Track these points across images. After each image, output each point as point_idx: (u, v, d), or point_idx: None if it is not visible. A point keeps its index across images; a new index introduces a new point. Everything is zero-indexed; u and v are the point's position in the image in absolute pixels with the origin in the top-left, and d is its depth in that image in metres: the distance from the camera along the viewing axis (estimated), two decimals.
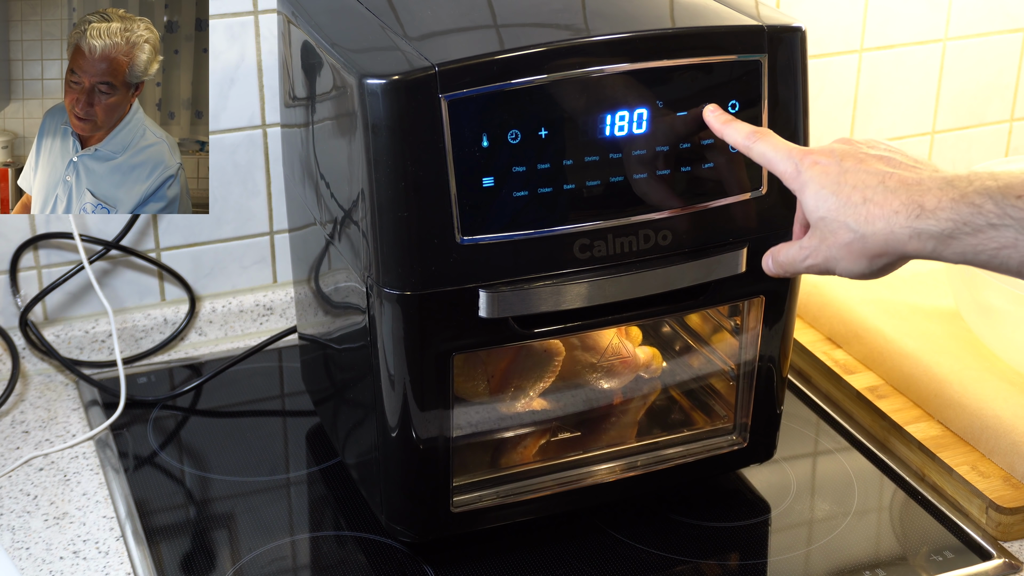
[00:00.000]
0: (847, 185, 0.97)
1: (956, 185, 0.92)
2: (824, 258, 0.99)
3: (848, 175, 0.97)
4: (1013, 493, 1.22)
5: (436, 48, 1.05)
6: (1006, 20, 1.73)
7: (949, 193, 0.92)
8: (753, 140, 1.03)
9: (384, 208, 1.02)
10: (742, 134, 1.04)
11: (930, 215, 0.92)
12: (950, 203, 0.91)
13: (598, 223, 1.07)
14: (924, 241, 0.93)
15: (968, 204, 0.91)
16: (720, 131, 1.06)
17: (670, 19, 1.11)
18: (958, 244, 0.92)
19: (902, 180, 0.95)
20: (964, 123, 1.78)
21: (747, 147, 1.04)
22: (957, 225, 0.91)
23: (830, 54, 1.66)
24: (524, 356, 1.19)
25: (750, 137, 1.04)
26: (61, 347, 1.45)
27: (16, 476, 1.28)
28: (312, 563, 1.21)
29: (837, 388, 1.41)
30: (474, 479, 1.17)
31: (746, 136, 1.04)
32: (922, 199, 0.93)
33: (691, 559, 1.19)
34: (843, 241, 0.97)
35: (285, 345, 1.49)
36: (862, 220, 0.95)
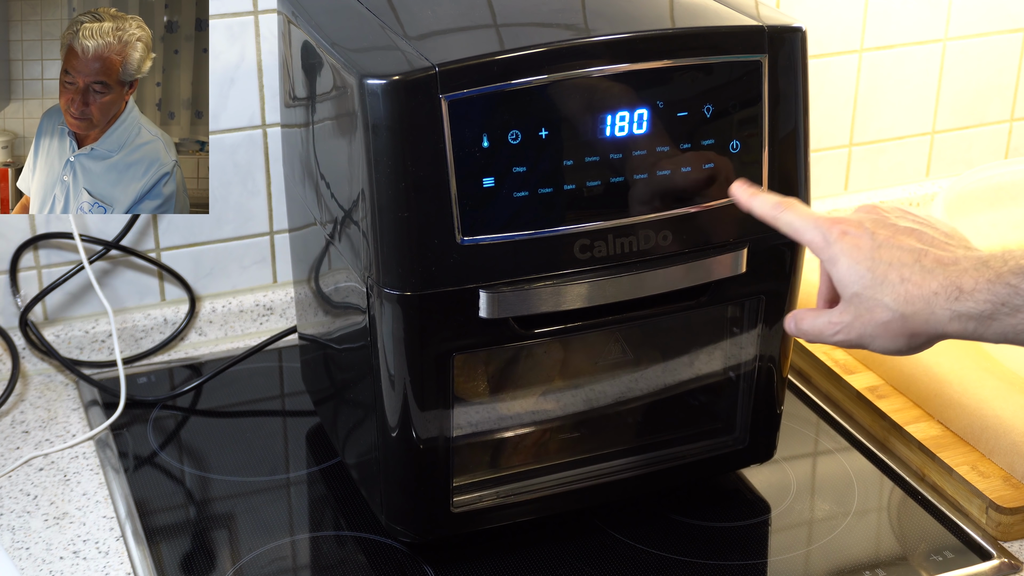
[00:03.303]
0: (882, 262, 0.95)
1: (991, 265, 0.92)
2: (858, 335, 0.98)
3: (882, 251, 0.96)
4: (1013, 493, 1.22)
5: (436, 48, 1.05)
6: (1006, 20, 1.73)
7: (985, 274, 0.92)
8: (779, 211, 1.03)
9: (384, 208, 1.02)
10: (768, 205, 1.04)
11: (968, 297, 0.92)
12: (987, 284, 0.91)
13: (598, 223, 1.07)
14: (965, 323, 0.92)
15: (1004, 285, 0.91)
16: (747, 205, 1.06)
17: (670, 19, 1.11)
18: (998, 325, 0.92)
19: (938, 259, 0.94)
20: (964, 123, 1.78)
21: (774, 216, 1.04)
22: (995, 307, 0.91)
23: (830, 54, 1.66)
24: (525, 356, 1.19)
25: (776, 208, 1.03)
26: (61, 347, 1.45)
27: (16, 476, 1.28)
28: (312, 563, 1.21)
29: (837, 388, 1.41)
30: (474, 479, 1.17)
31: (772, 207, 1.04)
32: (960, 280, 0.92)
33: (691, 559, 1.19)
34: (880, 320, 0.96)
35: (285, 345, 1.49)
36: (901, 300, 0.94)
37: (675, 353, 1.23)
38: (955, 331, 0.93)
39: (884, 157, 1.75)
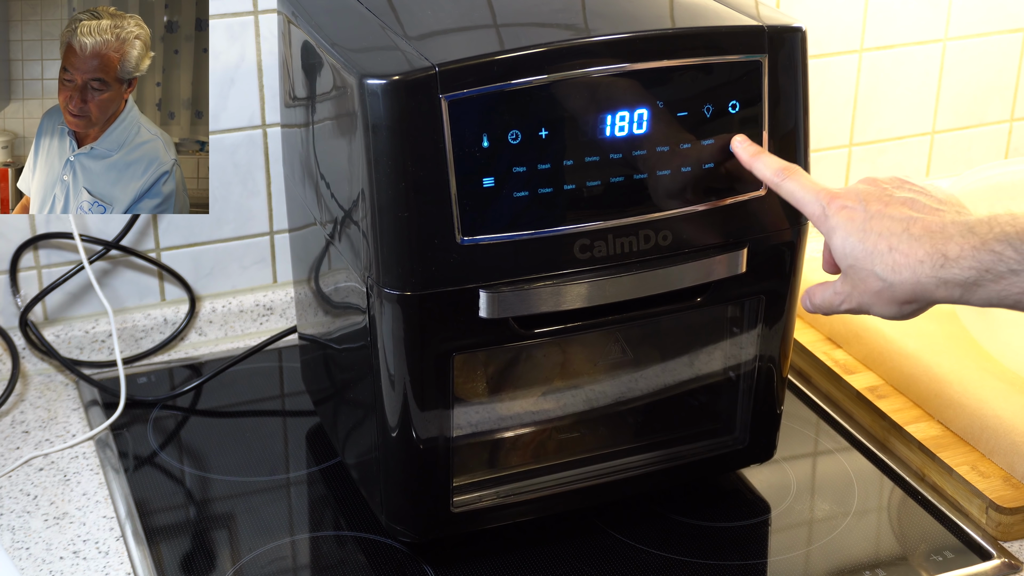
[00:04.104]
0: (873, 232, 0.98)
1: (977, 231, 0.93)
2: (858, 303, 1.01)
3: (873, 221, 0.98)
4: (1013, 493, 1.22)
5: (436, 48, 1.05)
6: (1006, 20, 1.73)
7: (970, 240, 0.93)
8: (782, 177, 1.04)
9: (384, 208, 1.02)
10: (771, 169, 1.05)
11: (953, 264, 0.93)
12: (971, 251, 0.92)
13: (598, 223, 1.07)
14: (951, 289, 0.94)
15: (988, 251, 0.92)
16: (749, 163, 1.07)
17: (670, 19, 1.11)
18: (983, 291, 0.93)
19: (926, 227, 0.96)
20: (964, 123, 1.78)
21: (776, 183, 1.05)
22: (980, 273, 0.92)
23: (830, 54, 1.66)
24: (524, 356, 1.19)
25: (779, 174, 1.05)
26: (61, 347, 1.45)
27: (16, 476, 1.28)
28: (312, 563, 1.21)
29: (837, 388, 1.41)
30: (474, 479, 1.17)
31: (775, 172, 1.05)
32: (945, 247, 0.94)
33: (691, 559, 1.19)
34: (873, 289, 0.98)
35: (285, 345, 1.49)
36: (889, 269, 0.96)
37: (675, 353, 1.23)
38: (942, 297, 0.95)
39: (884, 157, 1.75)
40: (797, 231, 1.15)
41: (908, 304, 0.98)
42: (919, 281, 0.95)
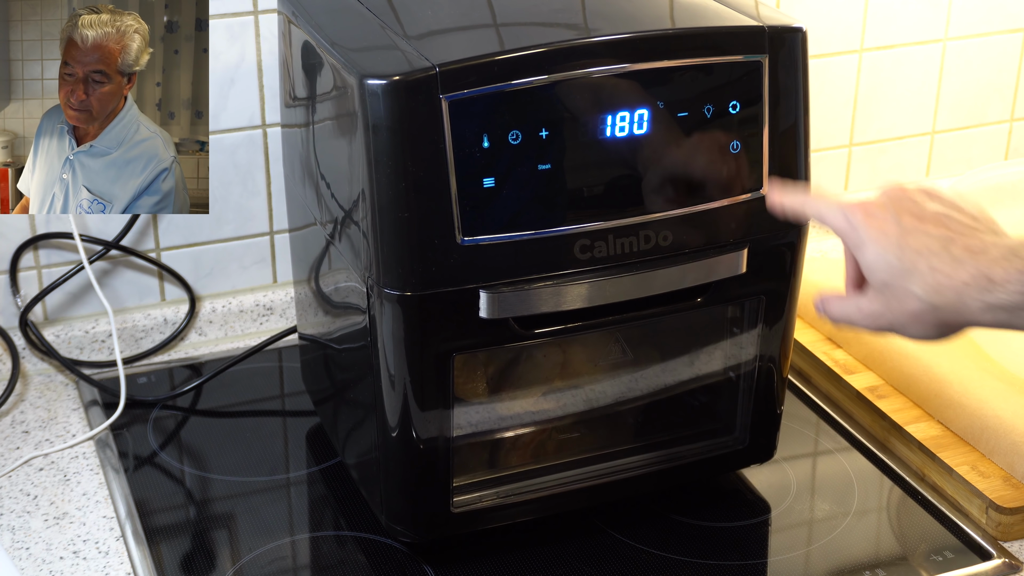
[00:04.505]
0: (910, 249, 0.94)
1: (1020, 254, 0.91)
2: (889, 323, 0.96)
3: (909, 237, 0.94)
4: (1013, 493, 1.22)
5: (437, 48, 1.05)
6: (1006, 20, 1.73)
7: (1015, 264, 0.90)
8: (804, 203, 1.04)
9: (384, 208, 1.02)
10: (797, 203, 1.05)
11: (999, 288, 0.90)
12: (1017, 274, 0.90)
13: (599, 224, 1.07)
14: (996, 314, 0.91)
15: None
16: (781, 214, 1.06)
17: (671, 19, 1.11)
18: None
19: (967, 248, 0.93)
20: (964, 123, 1.78)
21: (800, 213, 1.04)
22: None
23: (830, 54, 1.66)
24: (524, 357, 1.19)
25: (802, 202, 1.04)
26: (61, 347, 1.45)
27: (16, 476, 1.28)
28: (312, 563, 1.21)
29: (837, 388, 1.41)
30: (474, 479, 1.17)
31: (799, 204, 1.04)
32: (990, 271, 0.91)
33: (691, 559, 1.19)
34: (911, 309, 0.94)
35: (285, 345, 1.49)
36: (931, 290, 0.93)
37: (675, 353, 1.23)
38: (987, 322, 0.92)
39: (884, 157, 1.75)
40: (797, 231, 1.15)
41: (947, 327, 0.94)
42: (964, 304, 0.92)
